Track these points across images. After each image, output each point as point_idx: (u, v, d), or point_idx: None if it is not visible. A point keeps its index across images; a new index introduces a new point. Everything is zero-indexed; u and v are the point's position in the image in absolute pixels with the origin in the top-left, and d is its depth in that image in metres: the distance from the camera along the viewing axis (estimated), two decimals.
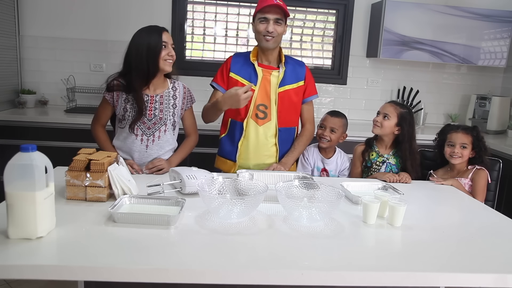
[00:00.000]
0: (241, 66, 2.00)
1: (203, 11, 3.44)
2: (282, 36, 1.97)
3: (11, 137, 2.81)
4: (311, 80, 2.09)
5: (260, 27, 1.90)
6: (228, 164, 2.06)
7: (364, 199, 1.38)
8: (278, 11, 1.88)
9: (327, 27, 3.59)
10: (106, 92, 1.91)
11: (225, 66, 2.03)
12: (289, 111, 2.03)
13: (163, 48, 1.83)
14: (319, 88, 3.56)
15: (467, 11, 3.27)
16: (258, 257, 1.11)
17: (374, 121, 2.10)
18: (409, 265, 1.11)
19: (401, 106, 2.09)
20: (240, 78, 1.98)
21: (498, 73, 3.71)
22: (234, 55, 2.07)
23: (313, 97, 2.10)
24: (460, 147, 2.04)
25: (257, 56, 2.01)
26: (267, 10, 1.88)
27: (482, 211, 1.64)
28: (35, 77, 3.31)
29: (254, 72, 1.98)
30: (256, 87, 1.96)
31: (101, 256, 1.04)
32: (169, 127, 1.94)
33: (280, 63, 2.01)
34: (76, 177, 1.39)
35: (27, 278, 0.99)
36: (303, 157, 2.19)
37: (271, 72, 1.99)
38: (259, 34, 1.92)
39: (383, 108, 2.10)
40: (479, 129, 2.11)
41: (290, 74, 2.00)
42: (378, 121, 2.07)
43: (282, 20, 1.91)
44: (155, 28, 1.86)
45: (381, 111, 2.09)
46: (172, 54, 1.85)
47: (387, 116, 2.05)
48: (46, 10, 3.23)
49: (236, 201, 1.31)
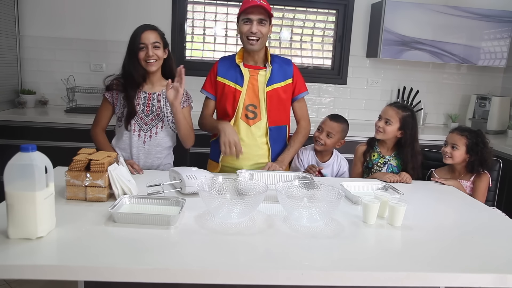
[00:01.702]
0: (227, 69, 2.01)
1: (203, 11, 3.44)
2: (267, 37, 1.97)
3: (11, 137, 2.81)
4: (300, 77, 2.08)
5: (244, 28, 1.90)
6: (212, 165, 2.07)
7: (364, 199, 1.38)
8: (262, 11, 1.88)
9: (327, 27, 3.59)
10: (106, 92, 1.95)
11: (212, 71, 2.05)
12: (279, 109, 2.03)
13: (141, 50, 1.85)
14: (319, 88, 3.60)
15: (467, 11, 3.27)
16: (258, 257, 1.11)
17: (376, 126, 2.07)
18: (409, 265, 1.11)
19: (402, 109, 2.04)
20: (227, 81, 2.00)
21: (498, 73, 3.71)
22: (220, 59, 2.08)
23: (304, 93, 2.10)
24: (450, 147, 2.04)
25: (243, 57, 2.02)
26: (250, 11, 1.88)
27: (482, 211, 1.64)
28: (35, 77, 3.31)
29: (240, 73, 1.98)
30: (243, 88, 1.97)
31: (101, 256, 1.04)
32: (166, 123, 1.97)
33: (267, 62, 2.01)
34: (76, 177, 1.39)
35: (27, 278, 0.99)
36: (298, 158, 2.18)
37: (258, 72, 1.99)
38: (244, 36, 1.92)
39: (384, 112, 2.07)
40: (482, 135, 2.05)
41: (277, 73, 2.00)
42: (380, 127, 2.04)
43: (266, 20, 1.90)
44: (137, 30, 1.89)
45: (383, 115, 2.06)
46: (151, 54, 1.85)
47: (389, 121, 2.02)
48: (46, 10, 3.23)
49: (236, 201, 1.31)
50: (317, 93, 3.60)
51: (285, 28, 3.55)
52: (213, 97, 2.05)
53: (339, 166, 2.17)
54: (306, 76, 3.52)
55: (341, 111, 3.62)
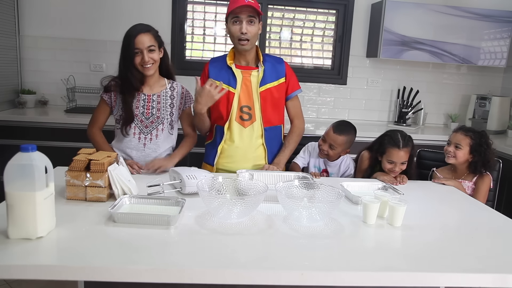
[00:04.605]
0: (219, 71, 1.99)
1: (203, 11, 3.44)
2: (257, 37, 1.94)
3: (11, 137, 2.81)
4: (292, 75, 2.06)
5: (233, 29, 1.88)
6: (207, 168, 2.03)
7: (364, 199, 1.38)
8: (250, 10, 1.86)
9: (327, 27, 3.59)
10: (104, 93, 1.92)
11: (204, 74, 2.02)
12: (273, 109, 2.01)
13: (136, 55, 1.82)
14: (319, 88, 3.60)
15: (467, 11, 3.26)
16: (258, 257, 1.10)
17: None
18: (409, 265, 1.11)
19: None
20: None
21: (498, 73, 3.71)
22: (210, 60, 2.05)
23: (297, 92, 2.07)
24: (454, 146, 2.04)
25: (234, 58, 2.00)
26: (238, 11, 1.85)
27: (482, 211, 1.64)
28: (35, 77, 3.31)
29: (232, 75, 1.96)
30: (236, 90, 1.95)
31: (101, 256, 1.04)
32: (166, 126, 1.95)
33: (259, 62, 1.99)
34: (76, 177, 1.39)
35: (27, 278, 0.99)
36: (307, 149, 2.17)
37: (251, 73, 1.97)
38: (234, 37, 1.90)
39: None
40: (486, 136, 2.05)
41: (270, 72, 1.98)
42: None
43: (255, 18, 1.88)
44: (130, 32, 1.83)
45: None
46: (147, 60, 1.82)
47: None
48: (46, 10, 3.23)
49: (236, 201, 1.31)
50: (317, 93, 3.61)
51: (285, 28, 3.55)
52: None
53: (347, 168, 2.14)
54: (306, 76, 3.56)
55: (341, 111, 3.64)
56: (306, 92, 3.54)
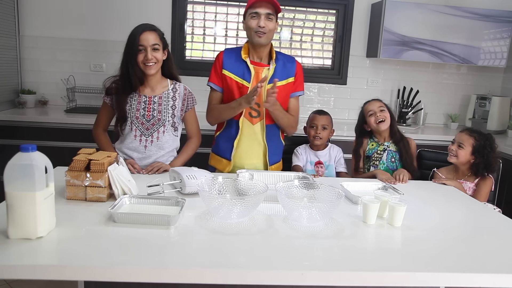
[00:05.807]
0: (234, 63, 1.98)
1: (203, 11, 3.44)
2: (273, 33, 1.95)
3: (11, 137, 2.81)
4: (301, 76, 2.08)
5: (251, 23, 1.89)
6: (223, 162, 2.04)
7: (364, 199, 1.38)
8: (269, 6, 1.87)
9: (327, 27, 3.59)
10: (105, 96, 1.93)
11: (218, 62, 2.00)
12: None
13: (139, 52, 1.81)
14: (319, 88, 3.60)
15: (467, 11, 3.26)
16: (258, 257, 1.10)
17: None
18: (409, 265, 1.11)
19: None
20: (234, 75, 1.97)
21: (498, 73, 3.71)
22: (225, 50, 2.04)
23: (299, 93, 2.08)
24: (457, 145, 2.04)
25: (248, 53, 2.00)
26: (258, 5, 1.87)
27: (482, 211, 1.64)
28: (35, 77, 3.31)
29: (247, 69, 1.96)
30: (250, 85, 1.95)
31: (101, 256, 1.04)
32: (168, 128, 1.94)
33: (271, 60, 1.99)
34: (76, 177, 1.39)
35: (27, 278, 0.99)
36: (297, 152, 2.26)
37: (262, 69, 1.98)
38: (251, 31, 1.90)
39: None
40: (491, 139, 2.06)
41: (280, 71, 1.98)
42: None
43: (273, 15, 1.89)
44: (135, 30, 1.84)
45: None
46: (150, 57, 1.82)
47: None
48: (46, 10, 3.23)
49: (236, 201, 1.31)
50: (317, 93, 3.61)
51: (285, 28, 3.54)
52: (220, 90, 2.01)
53: (337, 152, 2.27)
54: (306, 76, 3.52)
55: (341, 111, 3.64)
56: (306, 92, 3.52)
